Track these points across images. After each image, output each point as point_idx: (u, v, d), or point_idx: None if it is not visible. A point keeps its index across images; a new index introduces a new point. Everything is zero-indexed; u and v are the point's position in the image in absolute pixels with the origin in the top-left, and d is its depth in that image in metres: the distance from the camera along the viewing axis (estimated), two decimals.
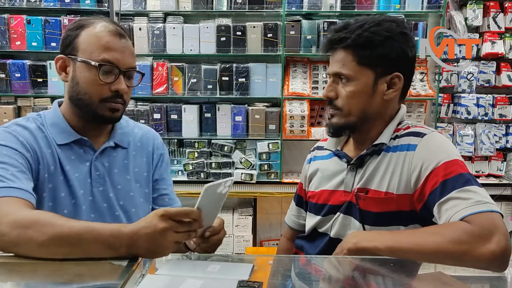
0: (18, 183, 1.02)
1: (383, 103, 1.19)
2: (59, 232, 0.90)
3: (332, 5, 3.10)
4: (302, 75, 3.23)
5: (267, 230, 3.51)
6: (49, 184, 1.14)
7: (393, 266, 0.98)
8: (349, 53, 1.16)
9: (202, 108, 3.21)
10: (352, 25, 1.17)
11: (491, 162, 3.28)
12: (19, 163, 1.07)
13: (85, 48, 1.14)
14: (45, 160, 1.15)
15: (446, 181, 1.04)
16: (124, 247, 0.90)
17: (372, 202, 1.16)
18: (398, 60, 1.16)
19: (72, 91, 1.17)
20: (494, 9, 3.10)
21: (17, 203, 0.98)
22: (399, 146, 1.17)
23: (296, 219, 1.44)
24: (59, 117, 1.21)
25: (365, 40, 1.13)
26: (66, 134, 1.19)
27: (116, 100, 1.17)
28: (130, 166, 1.27)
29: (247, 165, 3.20)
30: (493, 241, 0.93)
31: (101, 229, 0.91)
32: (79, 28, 1.15)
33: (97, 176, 1.20)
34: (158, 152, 1.36)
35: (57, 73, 1.19)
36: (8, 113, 3.16)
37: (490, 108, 3.19)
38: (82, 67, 1.14)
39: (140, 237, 0.89)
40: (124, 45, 1.17)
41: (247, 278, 0.88)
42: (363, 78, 1.16)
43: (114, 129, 1.28)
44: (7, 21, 3.10)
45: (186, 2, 3.10)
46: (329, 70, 1.22)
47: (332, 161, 1.30)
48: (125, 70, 1.16)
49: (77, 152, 1.19)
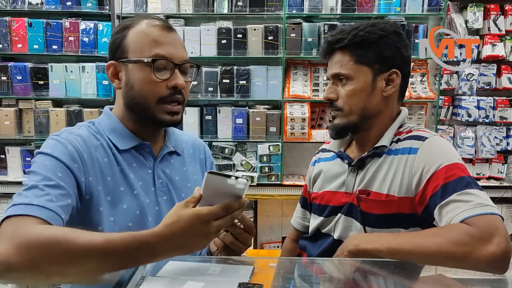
0: (40, 200, 0.89)
1: (382, 100, 1.21)
2: (78, 254, 0.80)
3: (332, 7, 3.10)
4: (302, 77, 3.23)
5: (268, 232, 3.50)
6: (107, 196, 1.04)
7: (394, 268, 0.98)
8: (346, 54, 1.20)
9: (203, 110, 3.21)
10: (347, 28, 1.22)
11: (492, 164, 3.28)
12: (58, 177, 0.95)
13: (135, 48, 1.07)
14: (100, 170, 1.05)
15: (447, 184, 1.05)
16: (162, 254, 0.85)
17: (374, 204, 1.16)
18: (394, 57, 1.19)
19: (127, 97, 1.10)
20: (494, 11, 3.11)
21: (31, 223, 0.85)
22: (400, 149, 1.17)
23: (301, 221, 1.46)
24: (117, 122, 1.13)
25: (360, 39, 1.18)
26: (127, 139, 1.11)
27: (174, 97, 1.08)
28: (189, 173, 1.21)
29: (247, 168, 3.20)
30: (494, 243, 0.93)
31: (124, 238, 0.83)
32: (125, 29, 1.09)
33: (160, 184, 1.13)
34: (210, 161, 1.32)
35: (110, 81, 1.12)
36: (9, 116, 3.17)
37: (490, 111, 3.19)
38: (135, 68, 1.07)
39: (179, 242, 0.85)
40: (174, 38, 1.10)
41: (247, 280, 0.88)
42: (362, 76, 1.19)
43: (167, 134, 1.22)
44: (8, 23, 3.11)
45: (187, 5, 3.11)
46: (328, 73, 1.25)
47: (334, 162, 1.32)
48: (180, 63, 1.09)
49: (138, 159, 1.12)
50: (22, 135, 3.24)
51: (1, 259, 0.78)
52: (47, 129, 3.18)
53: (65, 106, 3.23)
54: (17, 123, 3.20)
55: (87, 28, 3.11)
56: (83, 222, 1.01)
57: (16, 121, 3.19)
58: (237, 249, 1.04)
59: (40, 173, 0.95)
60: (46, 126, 3.18)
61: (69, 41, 3.12)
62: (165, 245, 0.84)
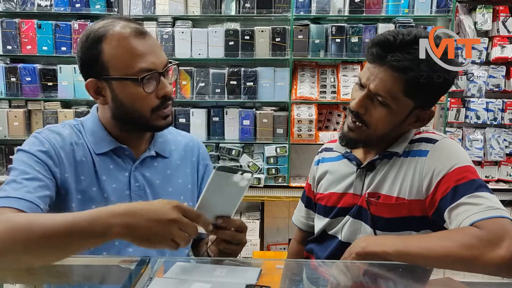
0: (19, 192, 0.94)
1: (406, 128, 1.18)
2: (42, 235, 0.83)
3: (340, 9, 3.10)
4: (310, 79, 3.23)
5: (275, 234, 3.50)
6: (78, 195, 1.07)
7: (402, 272, 0.97)
8: (401, 81, 1.06)
9: (210, 112, 3.22)
10: (415, 51, 1.04)
11: (501, 167, 3.25)
12: (35, 170, 1.00)
13: (116, 65, 1.03)
14: (76, 169, 1.07)
15: (457, 186, 1.04)
16: (116, 227, 0.83)
17: (384, 207, 1.15)
18: (440, 96, 1.15)
19: (117, 112, 1.08)
20: (503, 13, 3.09)
21: (7, 213, 0.90)
22: (410, 151, 1.16)
23: (305, 221, 1.44)
24: (97, 125, 1.13)
25: (425, 81, 1.05)
26: (104, 143, 1.12)
27: (166, 104, 1.09)
28: (173, 177, 1.19)
29: (254, 169, 3.20)
30: (503, 246, 0.92)
31: (89, 215, 0.85)
32: (97, 42, 1.04)
33: (137, 187, 1.12)
34: (204, 163, 1.27)
35: (93, 98, 1.09)
36: (18, 117, 3.20)
37: (499, 113, 3.17)
38: (121, 86, 1.04)
39: (141, 220, 0.84)
40: (151, 43, 1.06)
41: (254, 282, 0.88)
42: (402, 107, 1.11)
43: (154, 137, 1.19)
44: (18, 25, 3.14)
45: (194, 7, 3.12)
46: (367, 83, 1.10)
47: (341, 163, 1.30)
48: (163, 70, 1.07)
49: (115, 162, 1.12)
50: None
51: None
52: None
53: (73, 107, 3.26)
54: (26, 124, 3.23)
55: None
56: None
57: (25, 122, 3.22)
58: (234, 251, 1.03)
59: (18, 168, 1.00)
60: None
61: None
62: (120, 222, 0.84)
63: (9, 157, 3.28)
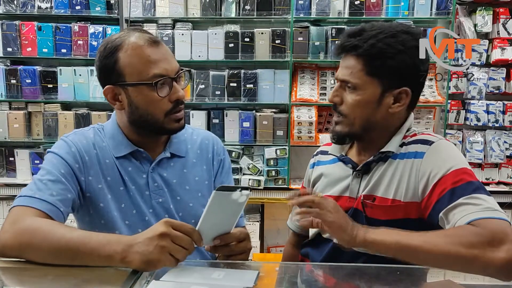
0: (43, 194, 1.04)
1: (387, 116, 1.17)
2: (57, 246, 0.93)
3: (340, 11, 3.09)
4: (310, 81, 3.23)
5: (275, 236, 3.49)
6: (108, 194, 1.15)
7: (400, 275, 0.97)
8: (359, 62, 1.13)
9: (210, 114, 3.22)
10: (367, 33, 1.14)
11: (501, 169, 3.24)
12: (60, 173, 1.09)
13: (131, 71, 1.11)
14: (102, 171, 1.16)
15: (455, 188, 1.03)
16: (119, 255, 0.90)
17: (379, 210, 1.15)
18: (408, 74, 1.14)
19: (133, 116, 1.16)
20: (503, 15, 3.08)
21: (30, 213, 1.00)
22: (406, 153, 1.16)
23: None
24: (116, 129, 1.21)
25: (377, 51, 1.11)
26: (122, 146, 1.19)
27: (178, 108, 1.16)
28: (189, 175, 1.25)
29: (254, 171, 3.20)
30: (503, 249, 0.91)
31: (98, 241, 0.92)
32: (113, 52, 1.12)
33: (156, 187, 1.19)
34: (218, 158, 1.32)
35: (111, 104, 1.17)
36: (18, 119, 3.20)
37: (500, 115, 3.16)
38: (136, 91, 1.12)
39: (137, 243, 0.89)
40: (163, 51, 1.14)
41: (252, 285, 0.88)
42: (370, 88, 1.14)
43: (170, 139, 1.26)
44: (18, 27, 3.14)
45: (194, 9, 3.12)
46: (337, 75, 1.20)
47: (336, 166, 1.29)
48: (176, 75, 1.14)
49: (134, 164, 1.19)
50: (31, 138, 3.26)
51: (1, 241, 0.96)
52: (56, 132, 3.20)
53: (73, 109, 3.25)
54: (26, 126, 3.23)
55: (96, 32, 3.13)
56: (88, 216, 1.16)
57: (25, 124, 3.22)
58: (241, 259, 1.09)
59: (46, 168, 1.10)
60: (55, 129, 3.20)
61: (78, 45, 3.14)
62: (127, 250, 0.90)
63: (9, 159, 3.28)
